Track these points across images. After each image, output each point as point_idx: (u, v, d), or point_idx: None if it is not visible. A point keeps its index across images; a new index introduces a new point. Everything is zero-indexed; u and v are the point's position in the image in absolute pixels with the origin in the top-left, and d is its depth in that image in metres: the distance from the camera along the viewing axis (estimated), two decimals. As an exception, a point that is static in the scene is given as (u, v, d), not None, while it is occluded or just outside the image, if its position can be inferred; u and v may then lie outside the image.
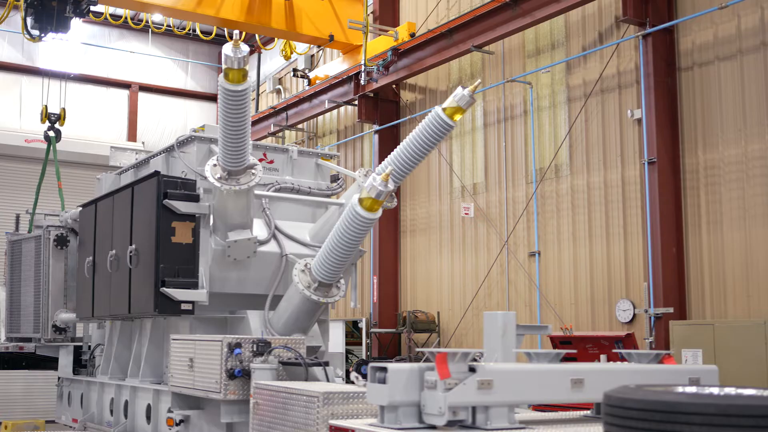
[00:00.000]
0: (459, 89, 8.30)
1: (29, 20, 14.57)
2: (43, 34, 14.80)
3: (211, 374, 6.90)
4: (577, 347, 10.79)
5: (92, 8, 15.37)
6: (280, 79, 23.87)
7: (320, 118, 19.95)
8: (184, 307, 8.14)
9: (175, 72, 26.24)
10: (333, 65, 18.74)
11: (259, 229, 8.61)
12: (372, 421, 5.00)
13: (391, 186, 7.22)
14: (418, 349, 5.08)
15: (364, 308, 17.41)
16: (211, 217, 8.38)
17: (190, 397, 7.84)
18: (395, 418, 4.74)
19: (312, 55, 20.90)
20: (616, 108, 12.38)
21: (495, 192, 14.72)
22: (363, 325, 17.60)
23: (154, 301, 8.06)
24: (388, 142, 17.26)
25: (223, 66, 7.15)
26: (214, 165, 7.93)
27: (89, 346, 12.25)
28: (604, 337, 11.83)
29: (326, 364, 6.61)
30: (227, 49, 7.04)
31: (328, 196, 9.66)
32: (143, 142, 24.73)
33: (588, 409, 5.83)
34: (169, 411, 8.19)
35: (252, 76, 25.42)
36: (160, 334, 9.28)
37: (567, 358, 8.20)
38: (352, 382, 6.29)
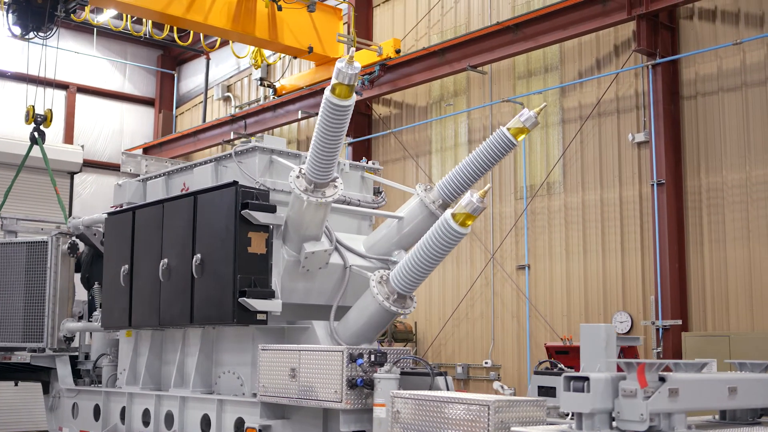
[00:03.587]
0: (525, 110, 8.70)
1: (11, 17, 14.10)
2: (24, 33, 14.36)
3: (327, 384, 7.01)
4: (576, 356, 11.33)
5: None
6: (229, 86, 23.67)
7: (279, 128, 19.94)
8: (259, 317, 8.19)
9: (113, 74, 25.60)
10: (302, 76, 18.81)
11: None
12: (563, 428, 5.30)
13: (487, 203, 7.54)
14: (614, 360, 5.40)
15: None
16: (282, 227, 8.45)
17: (275, 406, 7.89)
18: (592, 425, 5.07)
19: (268, 65, 20.80)
20: (614, 131, 13.08)
21: (479, 207, 15.16)
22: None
23: (232, 311, 8.06)
24: (361, 155, 17.46)
25: (333, 80, 7.25)
26: (297, 177, 8.01)
27: (86, 356, 11.92)
28: (603, 347, 12.45)
29: (446, 374, 6.85)
30: (340, 63, 7.16)
31: (375, 208, 9.88)
32: (82, 146, 24.01)
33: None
34: (241, 420, 8.20)
35: (199, 80, 25.05)
36: (209, 345, 9.22)
37: (570, 367, 8.70)
38: (497, 391, 6.55)
